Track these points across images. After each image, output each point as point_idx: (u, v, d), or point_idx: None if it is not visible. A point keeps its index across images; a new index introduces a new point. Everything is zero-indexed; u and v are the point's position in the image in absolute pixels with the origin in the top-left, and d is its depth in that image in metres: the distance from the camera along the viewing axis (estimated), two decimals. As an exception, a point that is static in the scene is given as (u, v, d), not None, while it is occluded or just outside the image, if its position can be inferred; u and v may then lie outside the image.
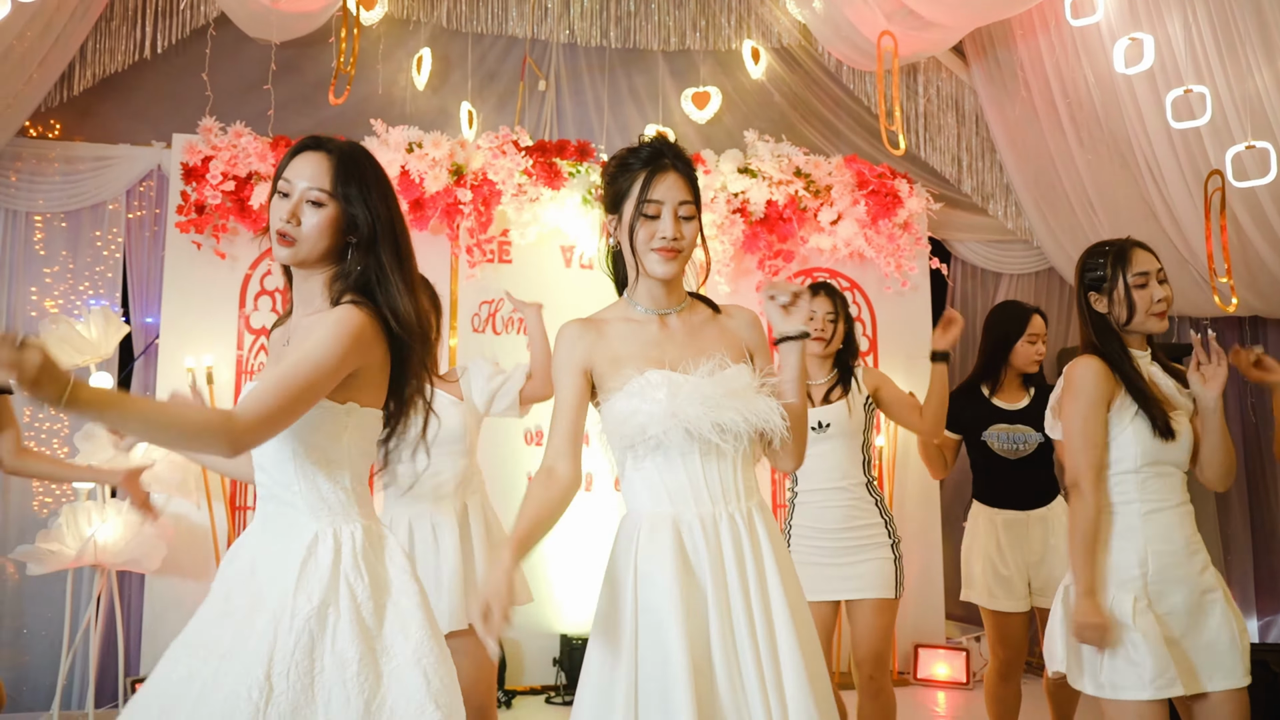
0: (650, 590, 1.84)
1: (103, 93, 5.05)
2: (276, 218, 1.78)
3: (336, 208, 1.78)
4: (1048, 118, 5.21)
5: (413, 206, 4.75)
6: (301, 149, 1.82)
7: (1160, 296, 2.41)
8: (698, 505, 1.88)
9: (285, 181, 1.79)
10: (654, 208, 1.91)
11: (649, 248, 1.92)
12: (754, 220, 5.16)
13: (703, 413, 1.85)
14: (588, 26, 5.63)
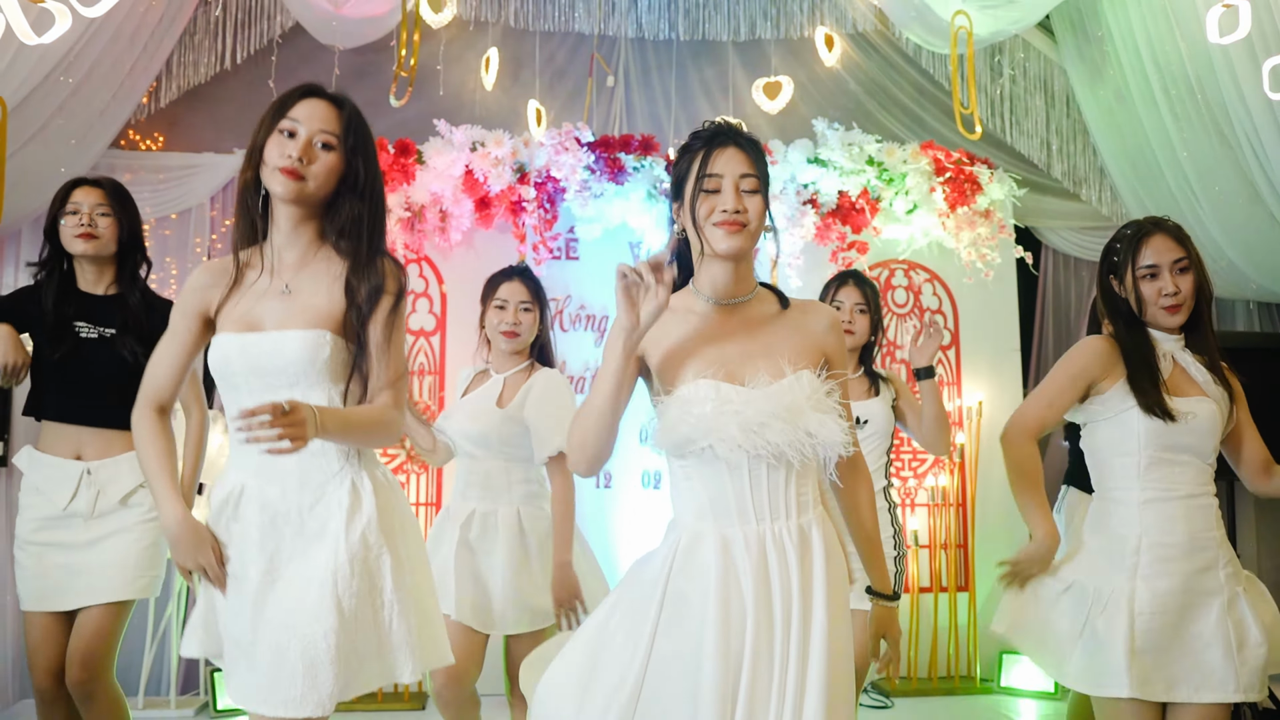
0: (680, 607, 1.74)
1: (188, 103, 5.26)
2: (283, 155, 1.86)
3: (341, 155, 1.91)
4: (1140, 94, 4.91)
5: (478, 205, 4.79)
6: (310, 93, 1.92)
7: (1170, 290, 2.27)
8: (742, 524, 1.77)
9: (292, 121, 1.88)
10: (714, 181, 1.80)
11: (710, 223, 1.80)
12: (825, 211, 5.02)
13: (746, 432, 1.73)
14: (655, 20, 5.57)
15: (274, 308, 1.93)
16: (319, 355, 1.88)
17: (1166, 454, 2.24)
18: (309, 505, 1.90)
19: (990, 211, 5.13)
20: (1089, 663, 2.22)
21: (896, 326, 5.24)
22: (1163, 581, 2.19)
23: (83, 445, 2.73)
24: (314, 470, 1.91)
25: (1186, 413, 2.23)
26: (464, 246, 4.88)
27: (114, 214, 2.80)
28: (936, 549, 4.98)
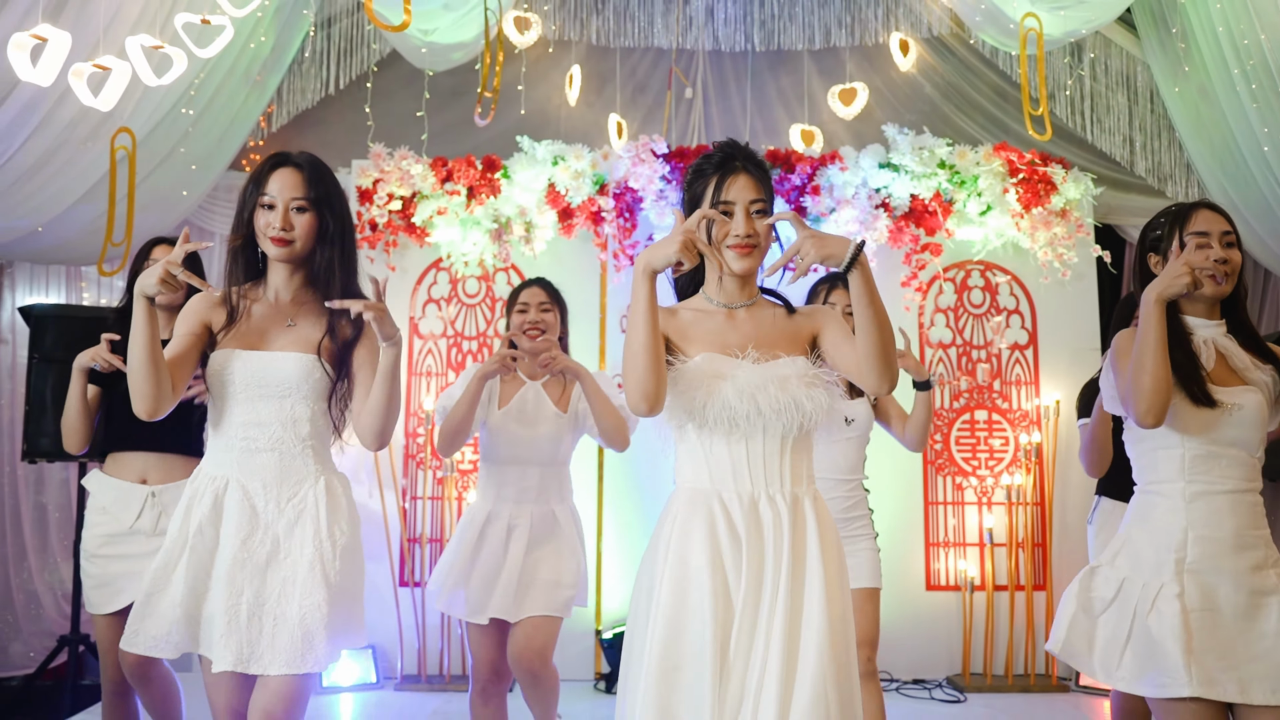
0: (678, 564, 1.94)
1: (297, 127, 5.68)
2: (268, 226, 2.18)
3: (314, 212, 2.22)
4: (1223, 88, 4.84)
5: (560, 216, 5.06)
6: (277, 165, 2.22)
7: (1219, 258, 2.24)
8: (737, 484, 1.97)
9: (269, 195, 2.20)
10: (727, 206, 2.01)
11: (725, 245, 2.02)
12: (898, 215, 5.11)
13: (740, 397, 1.94)
14: (731, 32, 5.75)
15: (276, 335, 2.26)
16: (310, 375, 2.22)
17: (1212, 447, 2.22)
18: (286, 499, 2.21)
19: (1067, 211, 5.13)
20: (1142, 665, 2.18)
21: (973, 327, 5.29)
22: (1212, 578, 2.17)
23: (147, 470, 3.06)
24: (292, 470, 2.23)
25: (1232, 405, 2.20)
26: (548, 255, 5.15)
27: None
28: (1014, 547, 5.01)
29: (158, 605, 2.18)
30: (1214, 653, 2.13)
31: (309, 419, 2.23)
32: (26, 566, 5.36)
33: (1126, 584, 2.26)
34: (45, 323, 4.72)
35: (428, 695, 4.72)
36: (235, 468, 2.21)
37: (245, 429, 2.21)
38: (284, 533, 2.19)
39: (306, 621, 2.12)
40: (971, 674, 4.95)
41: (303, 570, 2.15)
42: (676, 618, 1.91)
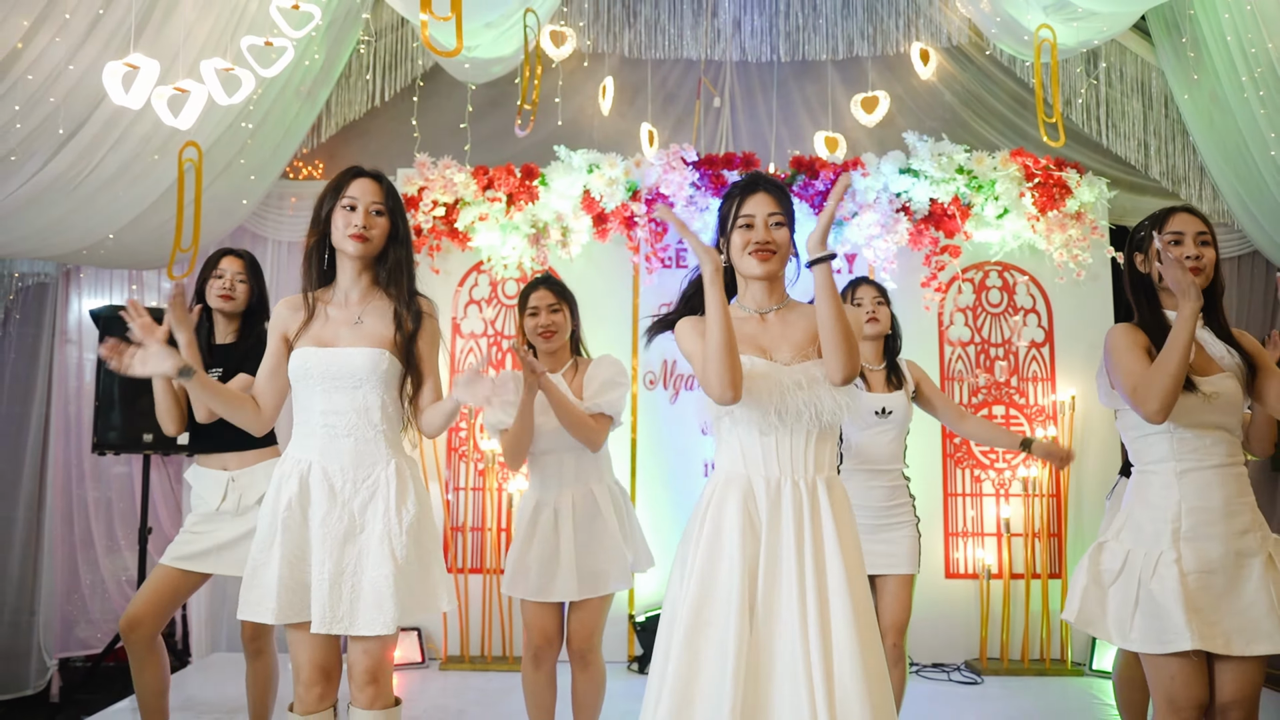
0: (713, 537, 2.20)
1: (344, 137, 5.99)
2: (349, 224, 2.46)
3: (388, 217, 2.52)
4: (1234, 94, 5.02)
5: (595, 221, 5.33)
6: (358, 175, 2.52)
7: (1192, 254, 2.47)
8: (766, 470, 2.22)
9: (351, 198, 2.47)
10: (748, 219, 2.30)
11: (746, 252, 2.29)
12: (918, 218, 5.34)
13: (773, 396, 2.21)
14: (758, 44, 5.99)
15: (346, 333, 2.51)
16: (379, 367, 2.47)
17: (1197, 429, 2.45)
18: (361, 479, 2.46)
19: (1081, 214, 5.33)
20: (1149, 624, 2.38)
21: (991, 326, 5.50)
22: (1206, 544, 2.39)
23: (227, 460, 3.37)
24: (366, 455, 2.47)
25: (1212, 393, 2.43)
26: (583, 259, 5.42)
27: (249, 282, 3.42)
28: (1030, 537, 5.22)
29: (261, 577, 2.46)
30: (1207, 609, 2.37)
31: (380, 407, 2.48)
32: (93, 555, 5.69)
33: (1131, 555, 2.49)
34: (112, 324, 5.05)
35: (470, 674, 5.00)
36: (317, 452, 2.48)
37: (325, 417, 2.47)
38: (359, 510, 2.45)
39: (377, 589, 2.38)
40: (989, 658, 5.17)
41: (374, 544, 2.42)
42: (708, 582, 2.17)
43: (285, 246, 5.88)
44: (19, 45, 3.38)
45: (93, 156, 4.02)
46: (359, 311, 2.54)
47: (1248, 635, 2.36)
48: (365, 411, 2.47)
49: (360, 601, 2.39)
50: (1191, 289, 2.33)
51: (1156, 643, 2.39)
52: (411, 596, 2.44)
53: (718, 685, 2.07)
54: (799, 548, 2.16)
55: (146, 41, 3.70)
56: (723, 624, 2.12)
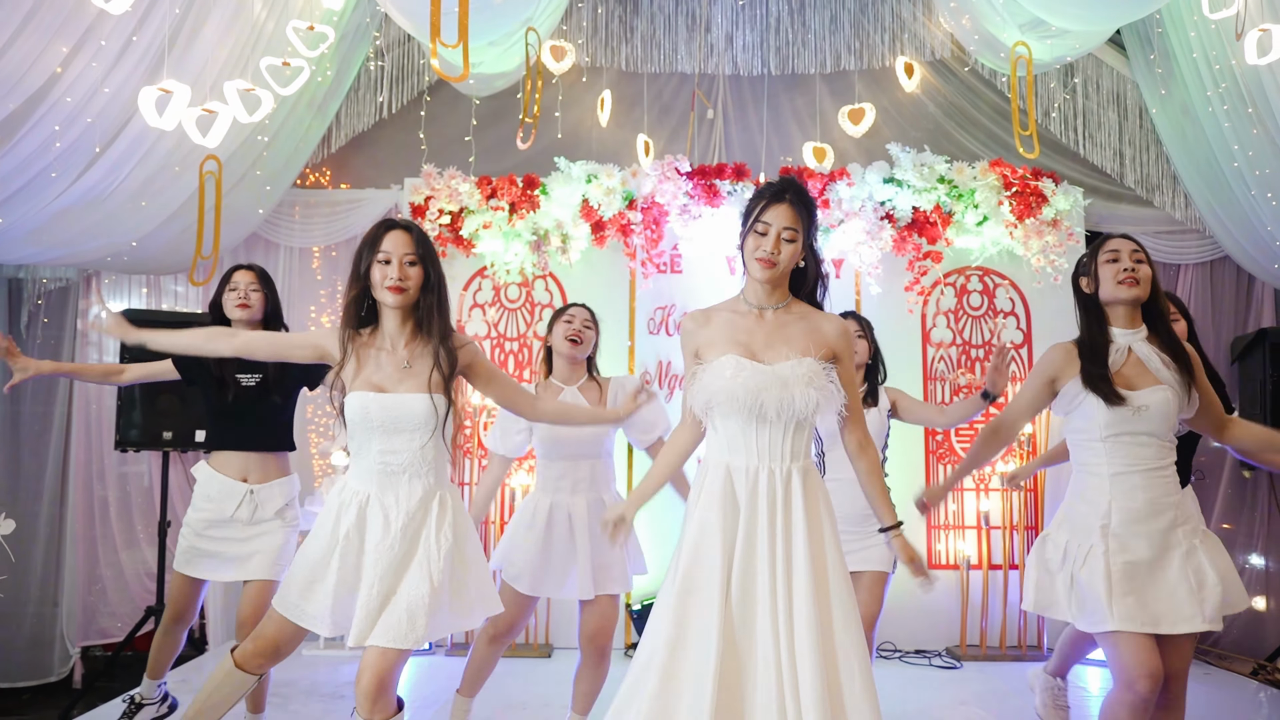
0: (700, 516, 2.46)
1: (353, 147, 6.24)
2: (386, 278, 2.65)
3: (420, 266, 2.70)
4: (1202, 108, 5.27)
5: (594, 228, 5.59)
6: (391, 228, 2.71)
7: (1127, 266, 2.72)
8: (746, 458, 2.47)
9: (385, 252, 2.66)
10: (764, 227, 2.50)
11: (753, 256, 2.52)
12: (901, 225, 5.59)
13: (750, 394, 2.44)
14: (749, 58, 6.25)
15: (395, 376, 2.70)
16: (433, 411, 2.68)
17: (1126, 435, 2.69)
18: (413, 510, 2.67)
19: (1057, 221, 5.59)
20: (1083, 607, 2.71)
21: (972, 328, 5.76)
22: (1131, 539, 2.66)
23: (248, 470, 3.56)
24: (417, 488, 2.68)
25: (1141, 406, 2.67)
26: (582, 265, 5.68)
27: (262, 291, 3.65)
28: (1008, 530, 5.48)
29: (316, 592, 2.69)
30: (1133, 595, 2.64)
31: (433, 446, 2.71)
32: (113, 548, 5.94)
33: (1068, 545, 2.77)
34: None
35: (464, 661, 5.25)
36: (375, 486, 2.70)
37: (383, 456, 2.68)
38: (410, 539, 2.67)
39: (411, 605, 2.56)
40: (968, 645, 5.43)
41: (414, 565, 2.65)
42: (695, 554, 2.43)
43: (296, 252, 6.13)
44: (58, 70, 3.64)
45: (121, 171, 4.29)
46: (406, 356, 2.73)
47: (1172, 617, 2.62)
48: (420, 451, 2.68)
49: (390, 616, 2.58)
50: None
51: (1090, 622, 2.66)
52: (442, 616, 2.65)
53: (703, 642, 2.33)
54: (771, 528, 2.41)
55: (173, 64, 3.96)
56: (707, 592, 2.38)
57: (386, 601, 2.61)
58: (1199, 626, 2.62)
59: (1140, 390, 2.69)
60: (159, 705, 3.76)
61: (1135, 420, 2.67)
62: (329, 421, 5.92)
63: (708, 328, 2.57)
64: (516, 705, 4.35)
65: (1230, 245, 5.76)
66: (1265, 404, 5.30)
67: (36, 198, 4.10)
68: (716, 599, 2.36)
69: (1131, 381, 2.71)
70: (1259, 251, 5.47)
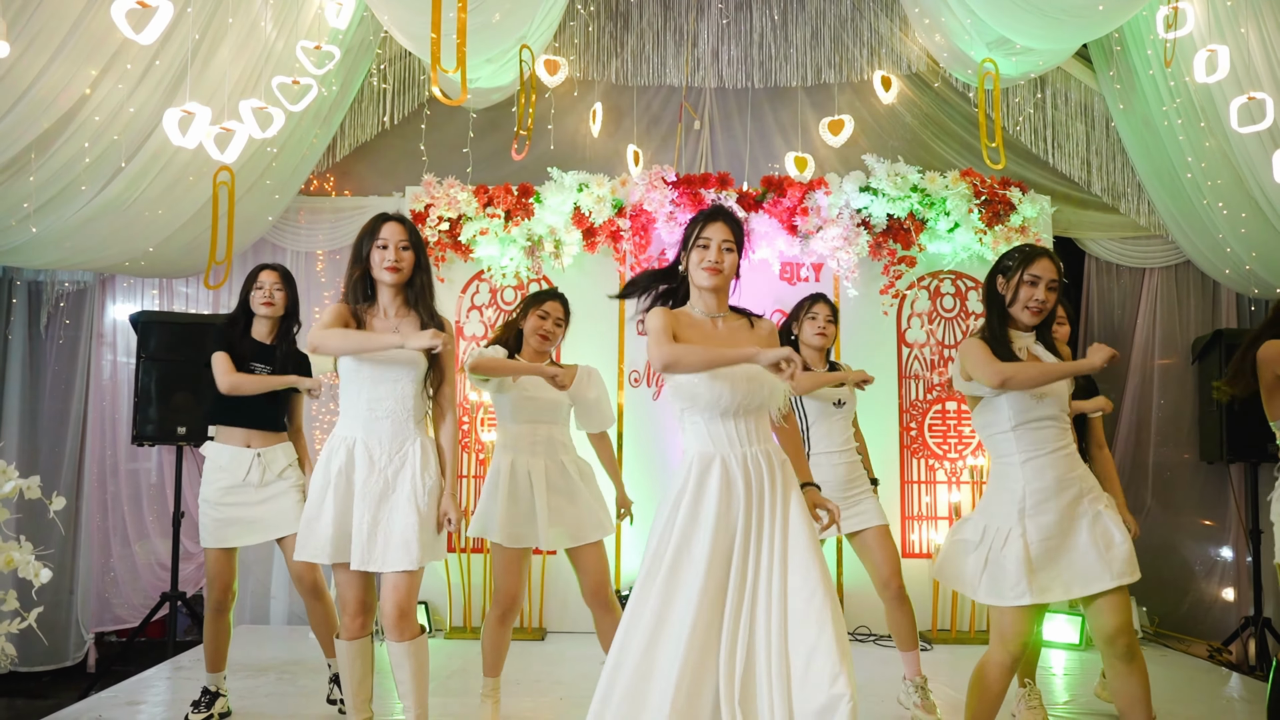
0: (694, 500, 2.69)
1: (357, 156, 6.54)
2: (384, 260, 3.09)
3: (413, 251, 3.14)
4: (1159, 119, 5.57)
5: (585, 235, 5.89)
6: (387, 219, 3.15)
7: (1040, 299, 3.00)
8: (732, 447, 2.74)
9: (383, 239, 3.11)
10: (705, 241, 2.81)
11: (700, 267, 2.81)
12: (877, 232, 5.90)
13: (731, 388, 2.73)
14: (734, 71, 6.56)
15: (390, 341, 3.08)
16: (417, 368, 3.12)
17: (1030, 423, 2.98)
18: (394, 451, 3.09)
19: (1025, 227, 5.89)
20: (995, 584, 2.97)
21: (945, 328, 6.06)
22: (1044, 516, 2.94)
23: (250, 439, 3.99)
24: (399, 432, 3.10)
25: (1041, 394, 2.97)
26: (574, 269, 5.99)
27: (285, 290, 4.01)
28: (978, 520, 5.77)
29: (315, 528, 3.10)
30: (1048, 569, 2.93)
31: (412, 396, 3.12)
32: (126, 538, 6.23)
33: (986, 529, 3.05)
34: (150, 328, 5.62)
35: (472, 643, 5.56)
36: (361, 430, 3.11)
37: (370, 404, 3.10)
38: (392, 475, 3.08)
39: (405, 534, 3.02)
40: (939, 629, 5.73)
41: (403, 501, 3.05)
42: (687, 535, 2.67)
43: (301, 256, 6.42)
44: (88, 91, 3.94)
45: (142, 182, 4.59)
46: (396, 324, 3.16)
47: (1081, 582, 2.92)
48: (401, 399, 3.10)
49: (390, 545, 3.03)
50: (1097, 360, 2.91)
51: (999, 597, 2.95)
52: (429, 542, 3.08)
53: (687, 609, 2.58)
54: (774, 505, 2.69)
55: (191, 84, 4.26)
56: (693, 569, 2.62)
57: (375, 530, 3.04)
58: (1108, 584, 2.89)
59: None
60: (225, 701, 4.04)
61: (1037, 407, 2.96)
62: (333, 419, 6.21)
63: (679, 321, 2.81)
64: (511, 684, 4.64)
65: (1191, 250, 6.06)
66: (1219, 401, 5.59)
67: (66, 207, 4.40)
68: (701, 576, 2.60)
69: None
70: (1215, 256, 5.77)
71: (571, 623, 5.76)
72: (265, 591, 6.16)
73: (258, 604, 6.15)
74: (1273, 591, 5.93)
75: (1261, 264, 5.43)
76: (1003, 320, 3.08)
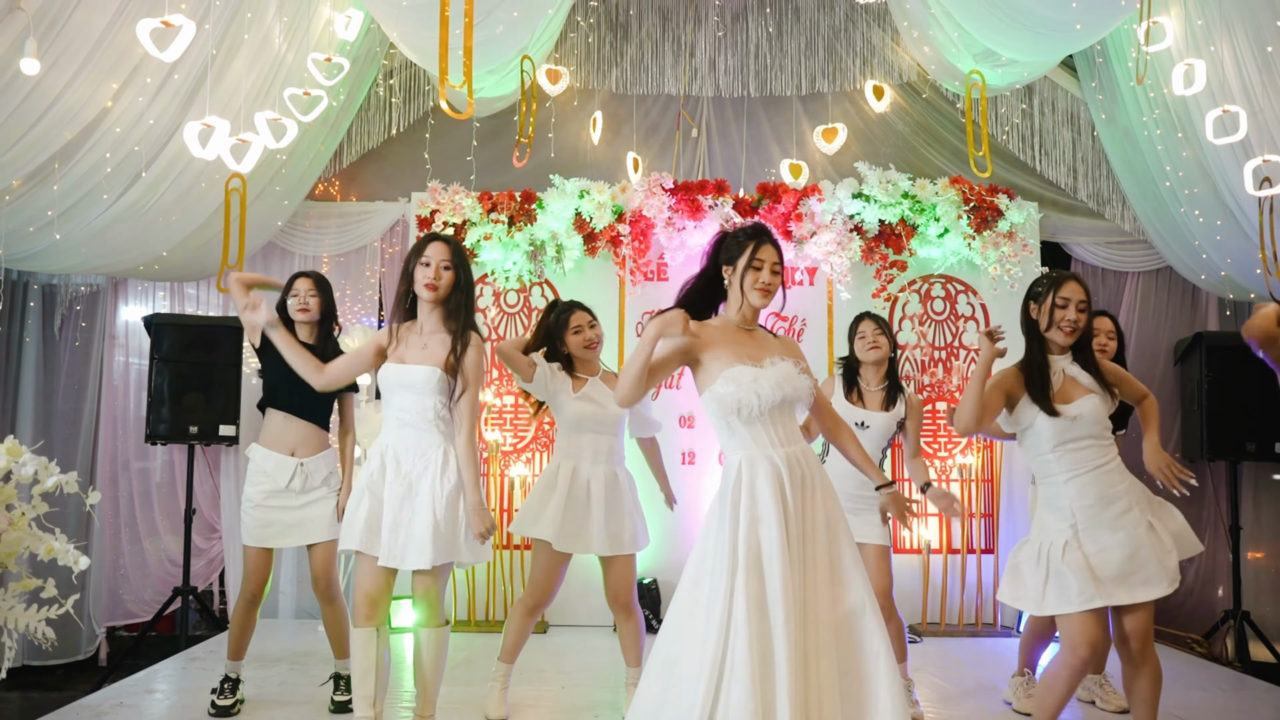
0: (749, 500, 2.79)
1: (363, 163, 6.71)
2: (425, 278, 3.27)
3: (454, 271, 3.31)
4: (1139, 130, 5.75)
5: (586, 240, 6.06)
6: (434, 239, 3.32)
7: (1071, 319, 3.16)
8: (774, 448, 2.86)
9: (427, 257, 3.28)
10: (759, 263, 2.94)
11: (754, 287, 2.95)
12: (870, 237, 6.08)
13: (771, 391, 2.87)
14: (731, 80, 6.74)
15: (416, 354, 3.34)
16: (432, 379, 3.29)
17: (1068, 443, 3.14)
18: (418, 456, 3.31)
19: (1013, 233, 6.07)
20: (1061, 593, 3.05)
21: (935, 331, 6.24)
22: (1097, 530, 3.07)
23: (296, 444, 4.13)
24: (424, 442, 3.32)
25: (1074, 415, 3.12)
26: (575, 273, 6.16)
27: (319, 296, 4.16)
28: (967, 517, 5.95)
29: (352, 520, 3.33)
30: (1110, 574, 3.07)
31: (433, 408, 3.31)
32: (137, 535, 6.39)
33: (1041, 547, 3.19)
34: (164, 330, 5.80)
35: (475, 635, 5.74)
36: (392, 437, 3.35)
37: (397, 413, 3.34)
38: (415, 479, 3.29)
39: (421, 536, 3.23)
40: (929, 622, 5.91)
41: (422, 504, 3.26)
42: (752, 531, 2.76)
43: (309, 260, 6.59)
44: (109, 104, 4.12)
45: (158, 189, 4.76)
46: (427, 340, 3.36)
47: (1148, 585, 3.06)
48: (422, 410, 3.31)
49: (411, 544, 3.25)
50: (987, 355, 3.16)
51: (1067, 604, 3.08)
52: (445, 544, 3.27)
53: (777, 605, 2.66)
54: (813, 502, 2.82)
55: (207, 96, 4.43)
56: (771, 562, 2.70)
57: (396, 530, 3.26)
58: (1166, 590, 3.06)
59: (1074, 402, 3.14)
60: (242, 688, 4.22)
61: (1073, 429, 3.12)
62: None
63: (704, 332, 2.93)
64: (514, 673, 4.82)
65: (1170, 256, 6.24)
66: (1201, 401, 5.78)
67: (87, 213, 4.58)
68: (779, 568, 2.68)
69: (1067, 396, 3.17)
70: (1193, 261, 5.96)
71: (572, 617, 5.94)
72: (275, 586, 6.33)
73: (268, 599, 6.31)
74: (1252, 587, 6.11)
75: (1236, 270, 5.61)
76: (1042, 349, 3.22)
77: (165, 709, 4.21)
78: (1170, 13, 4.99)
